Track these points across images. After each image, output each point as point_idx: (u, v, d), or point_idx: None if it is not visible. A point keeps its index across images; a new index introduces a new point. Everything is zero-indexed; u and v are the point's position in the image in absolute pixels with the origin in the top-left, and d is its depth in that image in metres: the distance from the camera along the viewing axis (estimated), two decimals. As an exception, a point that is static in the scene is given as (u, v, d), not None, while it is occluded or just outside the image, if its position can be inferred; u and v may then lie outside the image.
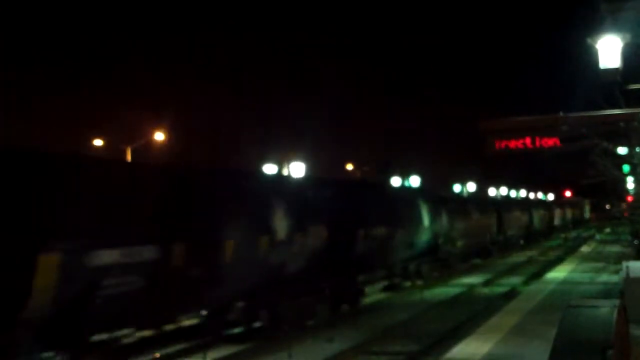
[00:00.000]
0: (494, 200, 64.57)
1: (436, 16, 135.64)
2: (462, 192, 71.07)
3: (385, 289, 29.91)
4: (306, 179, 33.19)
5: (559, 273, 32.44)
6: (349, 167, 60.55)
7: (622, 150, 29.89)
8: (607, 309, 9.33)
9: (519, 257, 48.12)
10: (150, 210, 14.51)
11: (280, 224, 19.12)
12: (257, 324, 19.51)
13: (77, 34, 70.48)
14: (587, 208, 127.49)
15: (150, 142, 45.68)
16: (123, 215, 13.88)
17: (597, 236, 71.28)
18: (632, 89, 21.53)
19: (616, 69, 16.85)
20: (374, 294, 28.60)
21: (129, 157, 43.53)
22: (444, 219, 34.82)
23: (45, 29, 70.12)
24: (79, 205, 12.96)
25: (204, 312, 18.66)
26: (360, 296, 25.65)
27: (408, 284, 31.01)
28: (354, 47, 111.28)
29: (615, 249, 45.26)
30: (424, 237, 31.11)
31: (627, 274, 18.24)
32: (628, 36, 16.75)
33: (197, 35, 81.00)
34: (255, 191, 18.95)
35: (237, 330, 19.36)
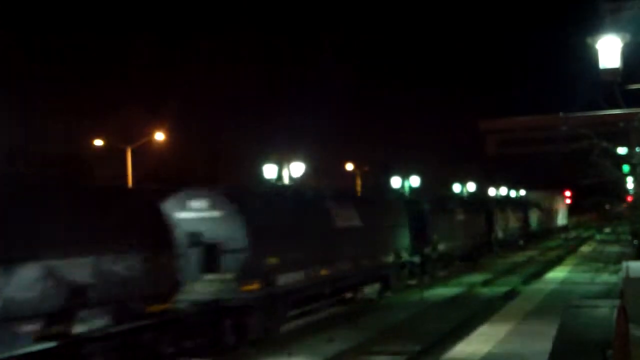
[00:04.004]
0: (482, 199, 62.18)
1: (437, 16, 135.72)
2: (462, 192, 70.82)
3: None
4: None
5: (559, 273, 32.43)
6: (349, 166, 60.41)
7: (622, 150, 29.88)
8: (607, 309, 9.34)
9: (517, 258, 47.92)
10: None
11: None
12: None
13: (77, 33, 70.46)
14: (561, 212, 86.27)
15: (150, 142, 45.69)
16: None
17: (597, 236, 71.36)
18: (632, 89, 21.49)
19: (616, 69, 16.81)
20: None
21: (129, 157, 43.53)
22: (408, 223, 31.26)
23: (44, 29, 70.12)
24: None
25: None
26: None
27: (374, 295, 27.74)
28: (354, 47, 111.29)
29: (615, 249, 45.23)
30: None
31: (627, 274, 18.22)
32: (628, 36, 16.71)
33: (197, 35, 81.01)
34: None
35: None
